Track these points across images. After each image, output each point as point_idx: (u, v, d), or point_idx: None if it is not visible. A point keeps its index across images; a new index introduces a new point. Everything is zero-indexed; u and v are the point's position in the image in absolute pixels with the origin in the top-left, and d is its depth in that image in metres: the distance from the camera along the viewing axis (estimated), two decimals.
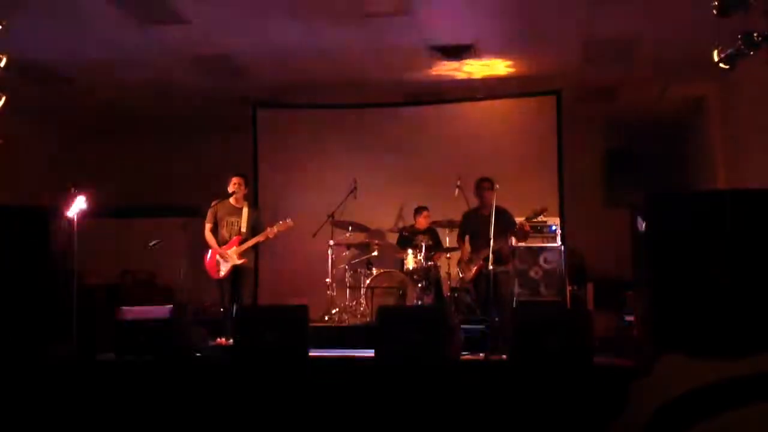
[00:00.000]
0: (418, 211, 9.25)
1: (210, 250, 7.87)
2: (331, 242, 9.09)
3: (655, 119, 10.89)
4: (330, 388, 5.66)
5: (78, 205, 7.03)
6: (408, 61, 8.99)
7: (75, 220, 6.95)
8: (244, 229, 7.84)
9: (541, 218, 9.12)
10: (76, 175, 8.50)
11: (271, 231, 7.83)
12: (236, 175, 7.99)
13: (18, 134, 8.66)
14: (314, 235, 9.17)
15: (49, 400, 5.67)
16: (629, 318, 7.15)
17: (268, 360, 6.07)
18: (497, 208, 7.20)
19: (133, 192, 11.46)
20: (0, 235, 6.49)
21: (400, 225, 9.76)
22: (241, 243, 7.79)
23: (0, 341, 6.05)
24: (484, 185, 7.58)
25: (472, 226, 7.71)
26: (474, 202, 8.05)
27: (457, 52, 8.65)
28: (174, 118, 11.20)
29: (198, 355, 6.77)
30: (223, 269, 7.77)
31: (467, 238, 7.75)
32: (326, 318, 8.83)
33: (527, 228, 7.60)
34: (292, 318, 6.32)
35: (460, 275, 8.05)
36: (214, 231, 7.90)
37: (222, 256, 7.77)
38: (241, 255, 7.78)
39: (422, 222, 9.20)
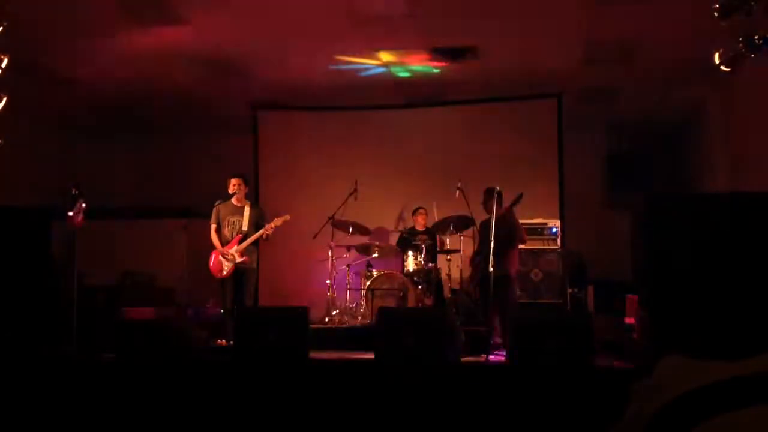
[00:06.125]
0: (415, 211, 9.29)
1: (213, 252, 7.90)
2: (332, 244, 9.09)
3: (656, 122, 10.89)
4: (330, 390, 5.66)
5: (78, 206, 7.03)
6: (409, 62, 9.01)
7: (75, 221, 6.95)
8: (245, 228, 7.87)
9: (541, 220, 9.15)
10: (76, 175, 8.51)
11: (269, 227, 7.83)
12: (234, 175, 8.01)
13: (18, 134, 8.64)
14: (315, 237, 9.17)
15: (50, 400, 5.67)
16: (629, 320, 7.15)
17: (269, 361, 6.06)
18: (500, 214, 7.29)
19: (133, 193, 11.48)
20: (0, 236, 6.50)
21: (401, 226, 9.76)
22: (241, 242, 7.81)
23: (1, 341, 6.05)
24: (483, 198, 7.69)
25: (482, 234, 7.83)
26: (474, 204, 8.10)
27: (459, 53, 8.66)
28: (174, 119, 11.21)
29: (198, 356, 6.76)
30: (226, 269, 7.79)
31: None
32: (326, 319, 8.83)
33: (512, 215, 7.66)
34: (293, 319, 6.32)
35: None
36: (218, 231, 7.93)
37: (224, 256, 7.79)
38: (242, 253, 7.79)
39: (420, 222, 9.22)
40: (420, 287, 8.55)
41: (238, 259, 7.78)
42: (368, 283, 8.74)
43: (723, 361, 1.23)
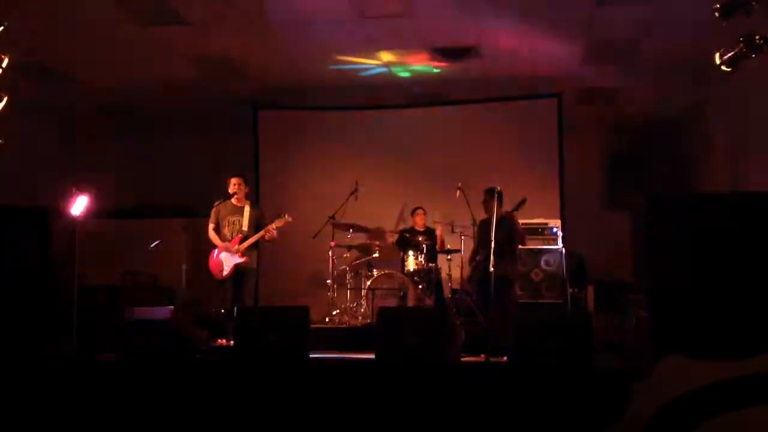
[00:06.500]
0: (414, 211, 9.30)
1: (213, 251, 7.89)
2: (332, 243, 9.09)
3: (657, 122, 10.88)
4: (330, 390, 5.66)
5: (79, 206, 7.04)
6: (410, 63, 9.01)
7: (76, 220, 6.95)
8: (245, 228, 7.86)
9: (541, 220, 9.15)
10: (76, 175, 8.51)
11: (270, 228, 7.82)
12: (234, 175, 8.00)
13: (18, 134, 8.64)
14: (315, 237, 9.17)
15: (49, 400, 5.67)
16: (630, 320, 7.15)
17: (269, 361, 6.06)
18: (500, 215, 7.27)
19: (133, 192, 11.46)
20: (0, 235, 6.50)
21: (401, 226, 9.77)
22: (242, 241, 7.81)
23: (0, 341, 6.05)
24: (484, 198, 7.70)
25: (481, 234, 7.85)
26: (474, 204, 8.11)
27: (459, 53, 8.66)
28: (174, 118, 11.21)
29: (198, 356, 6.76)
30: (226, 269, 7.78)
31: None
32: (327, 319, 8.83)
33: (516, 227, 7.68)
34: (293, 319, 6.31)
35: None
36: (217, 231, 7.93)
37: (227, 250, 7.78)
38: (243, 253, 7.79)
39: (419, 222, 9.22)
40: (420, 287, 8.55)
41: (239, 259, 7.78)
42: (368, 283, 8.74)
43: (723, 361, 1.23)
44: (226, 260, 7.81)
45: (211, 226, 7.94)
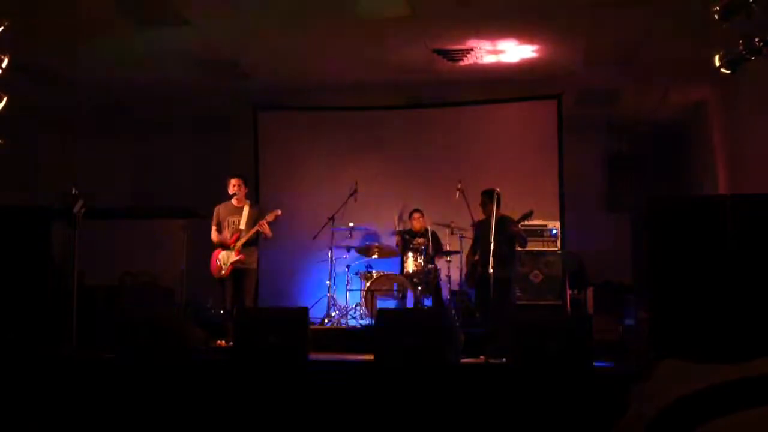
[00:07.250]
0: (411, 214, 9.30)
1: (214, 252, 7.90)
2: (332, 244, 9.09)
3: (657, 123, 10.88)
4: (329, 391, 5.66)
5: (79, 206, 7.03)
6: (409, 64, 8.99)
7: (76, 220, 6.95)
8: (242, 227, 7.86)
9: (541, 222, 9.15)
10: (76, 175, 8.50)
11: (263, 222, 7.80)
12: (234, 176, 8.00)
13: (18, 134, 8.65)
14: (315, 237, 9.17)
15: (49, 400, 5.67)
16: (629, 322, 7.15)
17: (268, 362, 6.06)
18: (499, 216, 7.26)
19: (133, 192, 11.46)
20: (0, 235, 6.50)
21: (400, 228, 9.77)
22: (237, 240, 7.81)
23: (1, 341, 6.05)
24: (482, 200, 7.71)
25: (478, 235, 7.86)
26: (475, 205, 8.11)
27: (459, 54, 8.66)
28: (174, 119, 11.20)
29: (198, 356, 6.76)
30: (224, 268, 7.79)
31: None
32: (326, 320, 8.82)
33: (516, 229, 7.65)
34: (292, 320, 6.31)
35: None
36: (219, 233, 7.94)
37: (221, 256, 7.80)
38: (239, 251, 7.78)
39: (416, 224, 9.23)
40: (419, 288, 8.55)
41: (234, 257, 7.78)
42: (368, 284, 8.74)
43: (722, 364, 1.24)
44: (223, 259, 7.82)
45: (213, 229, 7.96)
